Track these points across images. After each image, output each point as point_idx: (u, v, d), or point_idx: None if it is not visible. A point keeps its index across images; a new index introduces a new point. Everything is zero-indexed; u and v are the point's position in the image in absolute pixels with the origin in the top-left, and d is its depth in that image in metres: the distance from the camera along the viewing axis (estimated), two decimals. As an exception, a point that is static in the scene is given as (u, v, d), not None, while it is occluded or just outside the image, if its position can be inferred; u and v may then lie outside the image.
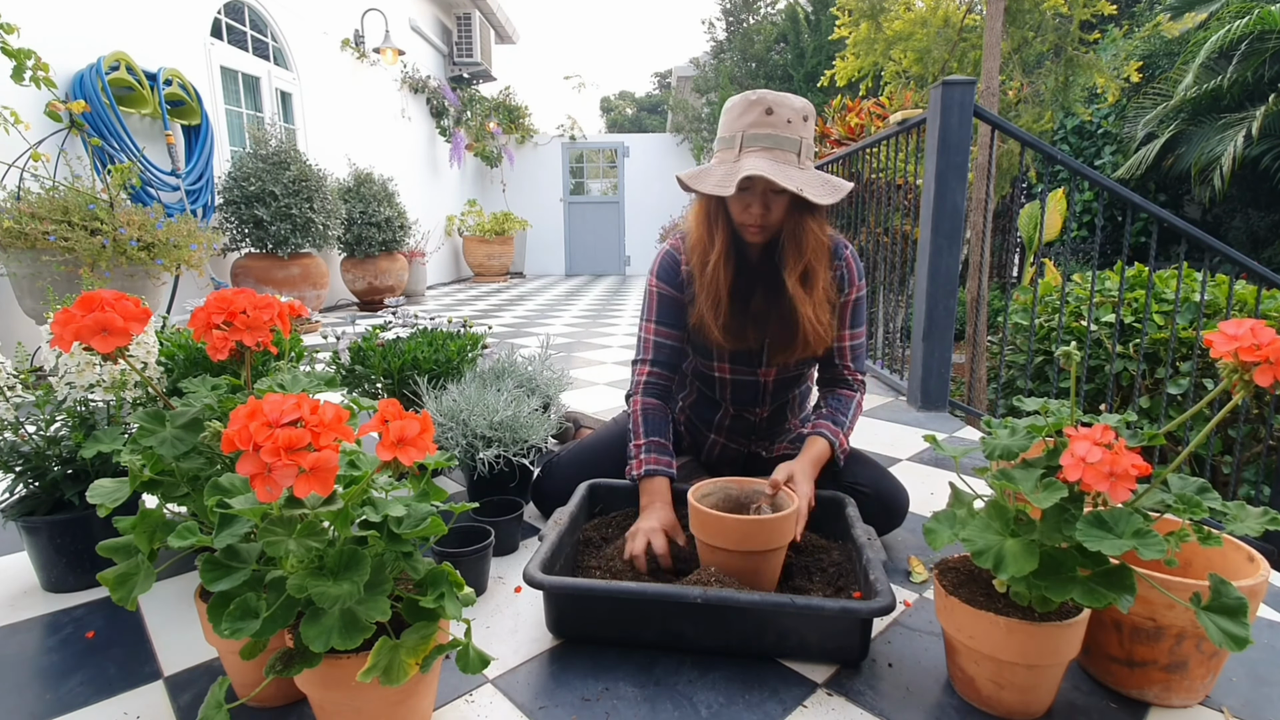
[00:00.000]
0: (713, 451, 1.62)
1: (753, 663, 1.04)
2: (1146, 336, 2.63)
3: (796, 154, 1.27)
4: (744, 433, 1.58)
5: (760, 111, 1.27)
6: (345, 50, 6.63)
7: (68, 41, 3.63)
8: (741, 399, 1.53)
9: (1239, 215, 7.14)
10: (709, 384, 1.54)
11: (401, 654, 0.75)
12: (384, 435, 0.71)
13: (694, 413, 1.61)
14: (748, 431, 1.58)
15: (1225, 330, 0.78)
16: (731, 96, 1.37)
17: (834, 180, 1.30)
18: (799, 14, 9.72)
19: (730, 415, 1.56)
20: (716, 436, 1.60)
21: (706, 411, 1.58)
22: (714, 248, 1.37)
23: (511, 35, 10.48)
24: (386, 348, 1.79)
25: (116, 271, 3.02)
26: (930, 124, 2.48)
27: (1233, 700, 0.98)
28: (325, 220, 4.93)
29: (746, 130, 1.27)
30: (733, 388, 1.51)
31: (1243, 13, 6.45)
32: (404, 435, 0.71)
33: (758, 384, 1.50)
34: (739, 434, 1.58)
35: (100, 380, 1.19)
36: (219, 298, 0.91)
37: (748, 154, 1.27)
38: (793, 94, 1.29)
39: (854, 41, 5.37)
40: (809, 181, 1.26)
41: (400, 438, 0.71)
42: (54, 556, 1.23)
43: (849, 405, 1.47)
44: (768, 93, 1.28)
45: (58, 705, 0.95)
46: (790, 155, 1.27)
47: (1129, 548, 0.76)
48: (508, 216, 9.22)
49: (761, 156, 1.25)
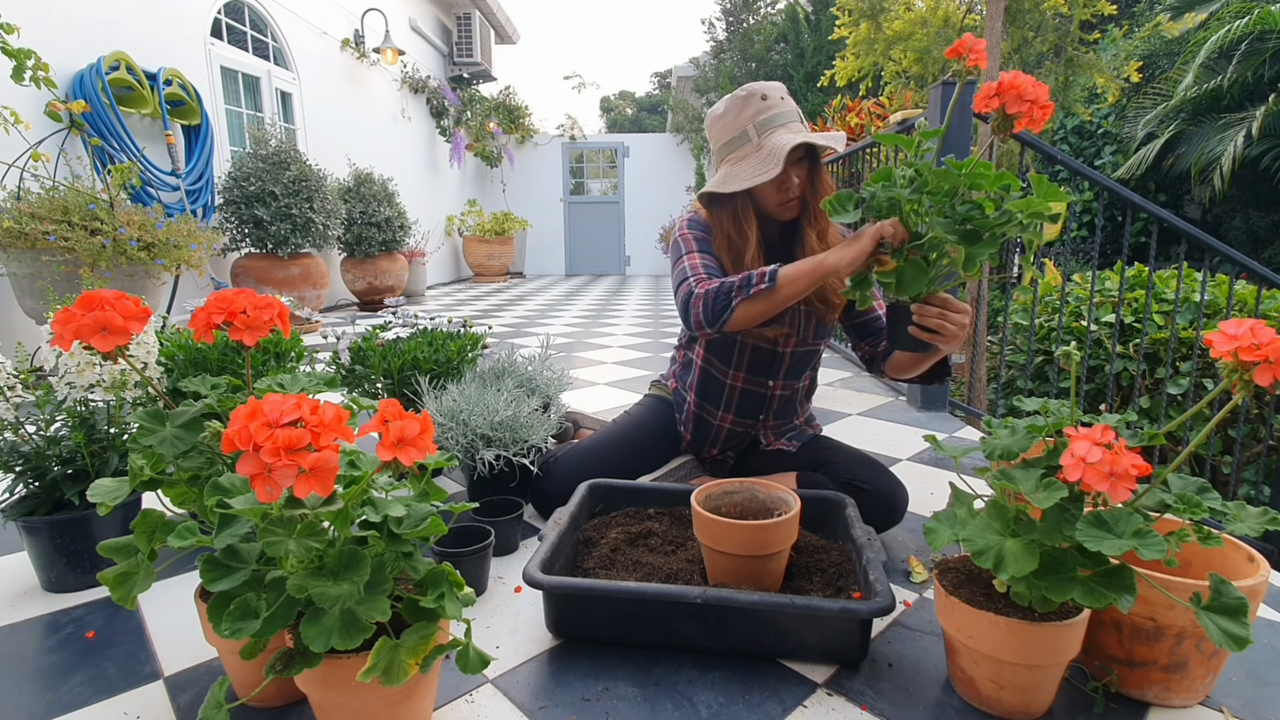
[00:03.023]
0: (717, 438, 1.62)
1: (753, 663, 1.04)
2: (1146, 336, 2.63)
3: (801, 123, 1.37)
4: (753, 410, 1.58)
5: (758, 100, 1.36)
6: (345, 50, 6.62)
7: (68, 41, 3.63)
8: (757, 368, 1.54)
9: (1239, 215, 7.14)
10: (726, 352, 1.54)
11: (401, 654, 0.75)
12: (384, 435, 0.71)
13: (701, 392, 1.60)
14: (756, 409, 1.58)
15: (1225, 330, 0.78)
16: (710, 111, 1.43)
17: (836, 135, 1.38)
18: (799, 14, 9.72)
19: (740, 390, 1.56)
20: (725, 414, 1.59)
21: (714, 390, 1.58)
22: (749, 243, 1.42)
23: (511, 35, 10.48)
24: (386, 348, 1.79)
25: (116, 271, 3.02)
26: (930, 124, 2.48)
27: (1233, 700, 0.98)
28: (325, 220, 4.92)
29: (755, 120, 1.35)
30: (751, 353, 1.53)
31: (1243, 13, 6.45)
32: (404, 435, 0.71)
33: (775, 354, 1.53)
34: (748, 411, 1.58)
35: (100, 380, 1.19)
36: (219, 298, 0.91)
37: (773, 133, 1.34)
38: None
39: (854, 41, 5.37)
40: (834, 140, 1.34)
41: (400, 438, 0.71)
42: (54, 556, 1.23)
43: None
44: (752, 85, 1.37)
45: (58, 705, 0.95)
46: (800, 125, 1.37)
47: (1129, 548, 0.76)
48: (508, 216, 9.22)
49: (788, 131, 1.34)
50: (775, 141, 1.32)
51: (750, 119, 1.36)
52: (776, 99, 1.36)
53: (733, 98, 1.38)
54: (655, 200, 10.95)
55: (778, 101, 1.36)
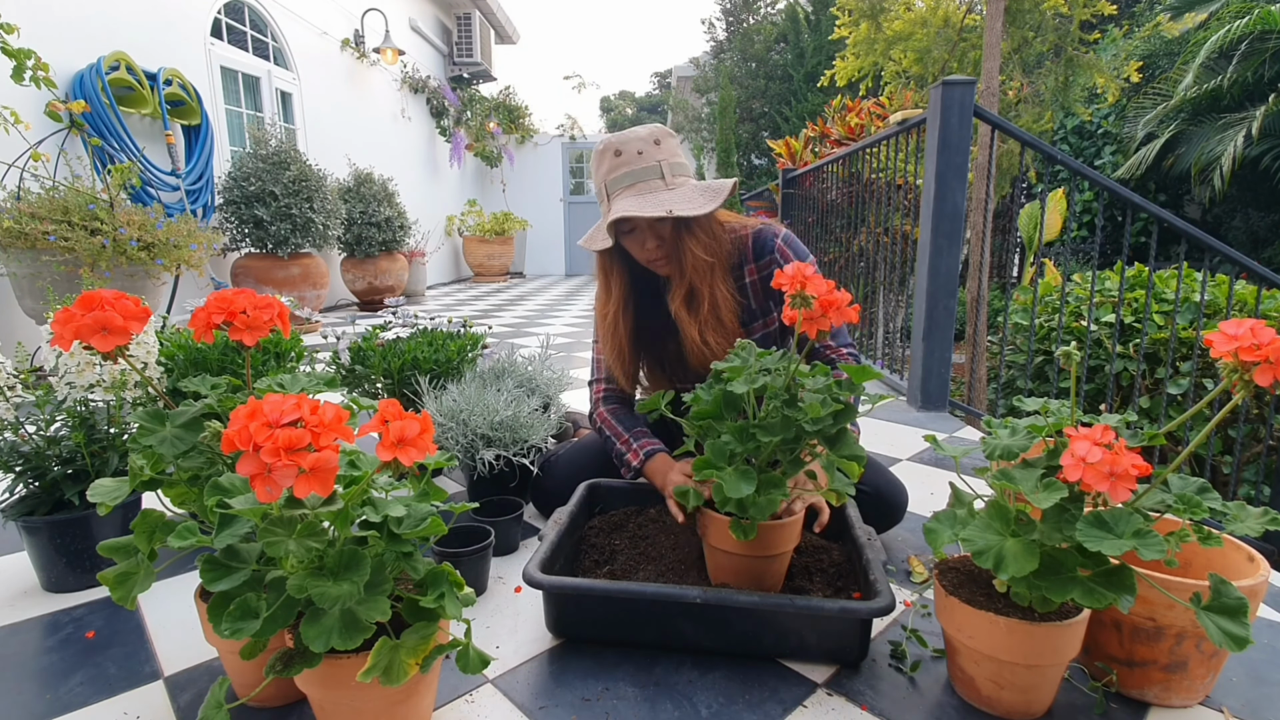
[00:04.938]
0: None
1: (753, 663, 1.04)
2: (1146, 336, 2.63)
3: (660, 178, 1.26)
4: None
5: (610, 156, 1.28)
6: (345, 50, 6.62)
7: (68, 41, 3.63)
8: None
9: (1239, 215, 7.14)
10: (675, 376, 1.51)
11: (401, 654, 0.75)
12: (384, 435, 0.71)
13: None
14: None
15: (1225, 330, 0.78)
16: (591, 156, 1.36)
17: (713, 185, 1.27)
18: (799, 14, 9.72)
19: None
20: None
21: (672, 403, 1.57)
22: (611, 297, 1.39)
23: (511, 35, 10.48)
24: (386, 348, 1.79)
25: (116, 271, 3.02)
26: (930, 124, 2.47)
27: (1233, 700, 0.98)
28: (325, 220, 4.93)
29: (607, 179, 1.28)
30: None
31: (1243, 13, 6.45)
32: (404, 435, 0.71)
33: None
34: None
35: (100, 380, 1.19)
36: (219, 298, 0.91)
37: (615, 199, 1.27)
38: (638, 125, 1.32)
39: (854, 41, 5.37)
40: (678, 199, 1.23)
41: (400, 438, 0.71)
42: (54, 556, 1.23)
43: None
44: (611, 136, 1.29)
45: (58, 705, 0.95)
46: (655, 182, 1.26)
47: (1129, 548, 0.76)
48: (508, 216, 9.22)
49: (627, 196, 1.25)
50: (612, 210, 1.25)
51: (604, 177, 1.28)
52: (632, 153, 1.25)
53: (596, 152, 1.30)
54: (655, 200, 10.93)
55: (633, 157, 1.25)
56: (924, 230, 2.54)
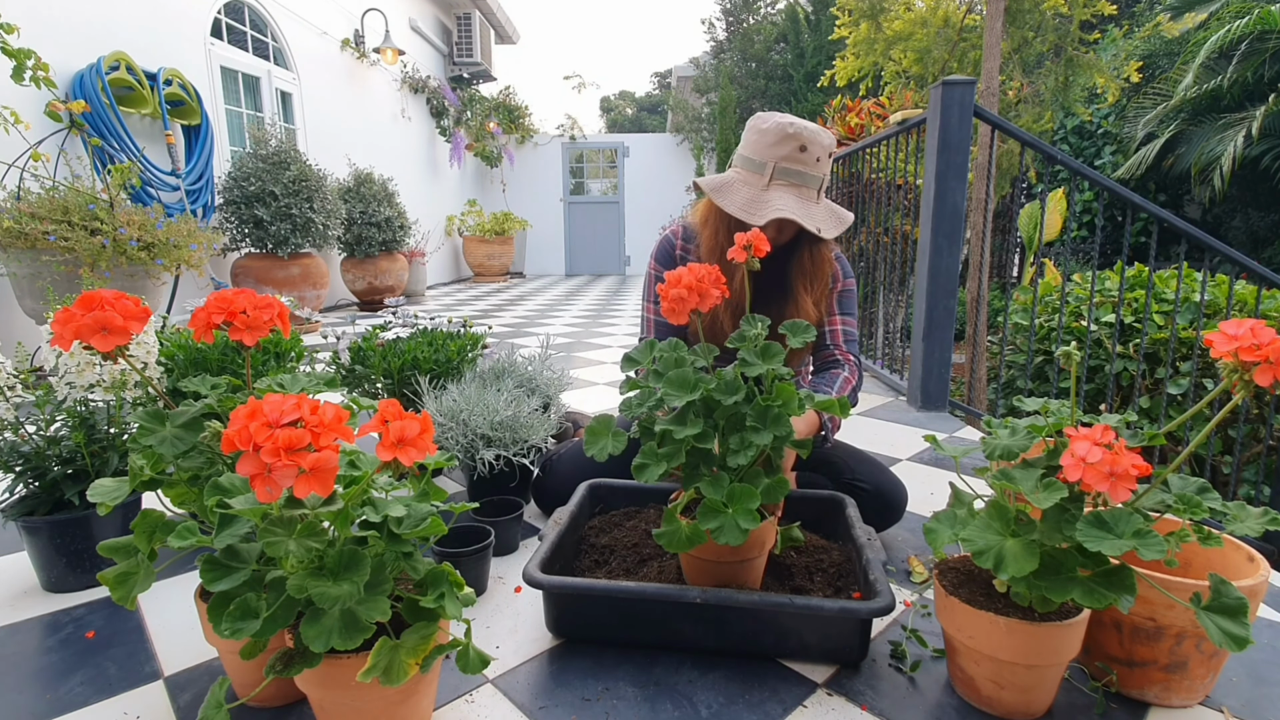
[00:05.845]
0: None
1: (753, 663, 1.04)
2: (1146, 336, 2.63)
3: (818, 190, 1.34)
4: None
5: (795, 147, 1.31)
6: (345, 50, 6.62)
7: (68, 41, 3.63)
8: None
9: (1239, 215, 7.14)
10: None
11: (401, 654, 0.75)
12: (384, 435, 0.71)
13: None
14: None
15: (1225, 330, 0.78)
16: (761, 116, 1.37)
17: (840, 212, 1.38)
18: (799, 14, 9.72)
19: None
20: None
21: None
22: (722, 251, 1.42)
23: (511, 35, 10.48)
24: (386, 348, 1.79)
25: (116, 271, 3.02)
26: (930, 124, 2.47)
27: (1233, 700, 0.98)
28: (325, 220, 4.93)
29: (779, 163, 1.32)
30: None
31: (1243, 13, 6.45)
32: (404, 435, 0.71)
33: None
34: None
35: (100, 380, 1.19)
36: (219, 298, 0.91)
37: (776, 186, 1.32)
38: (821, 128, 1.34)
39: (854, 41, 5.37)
40: (825, 219, 1.33)
41: (400, 438, 0.71)
42: (54, 556, 1.23)
43: (834, 379, 1.49)
44: (803, 127, 1.31)
45: (58, 705, 0.95)
46: (813, 192, 1.34)
47: (1129, 548, 0.76)
48: (508, 216, 9.22)
49: (789, 193, 1.31)
50: (772, 199, 1.30)
51: (776, 157, 1.32)
52: (812, 158, 1.31)
53: (777, 125, 1.32)
54: (655, 200, 10.95)
55: (811, 161, 1.31)
56: (924, 230, 2.54)
